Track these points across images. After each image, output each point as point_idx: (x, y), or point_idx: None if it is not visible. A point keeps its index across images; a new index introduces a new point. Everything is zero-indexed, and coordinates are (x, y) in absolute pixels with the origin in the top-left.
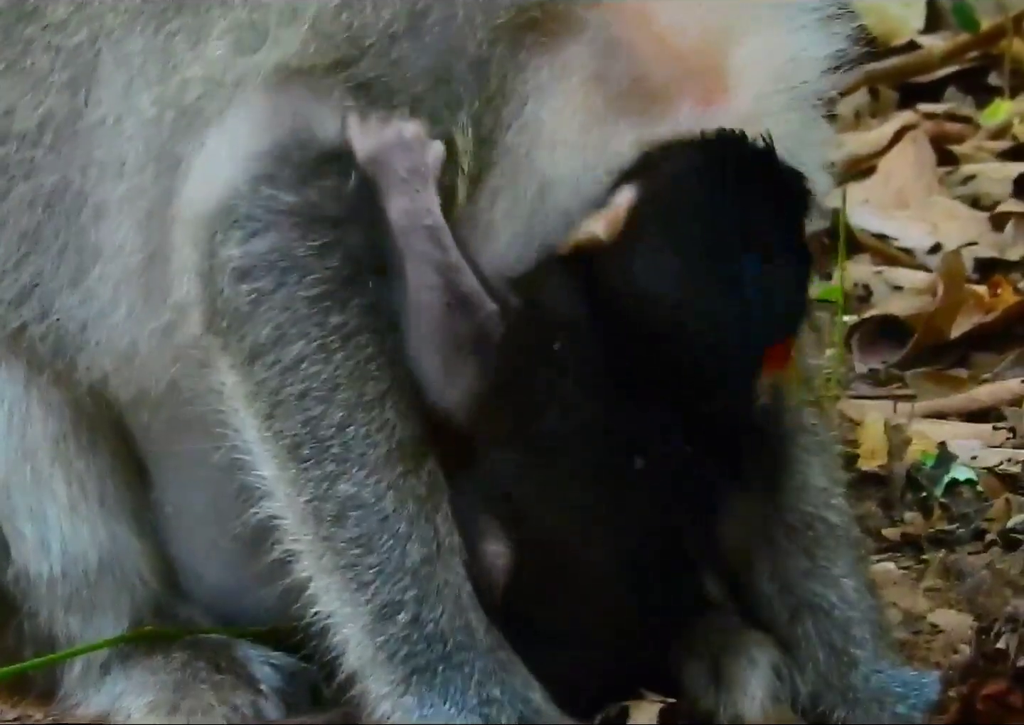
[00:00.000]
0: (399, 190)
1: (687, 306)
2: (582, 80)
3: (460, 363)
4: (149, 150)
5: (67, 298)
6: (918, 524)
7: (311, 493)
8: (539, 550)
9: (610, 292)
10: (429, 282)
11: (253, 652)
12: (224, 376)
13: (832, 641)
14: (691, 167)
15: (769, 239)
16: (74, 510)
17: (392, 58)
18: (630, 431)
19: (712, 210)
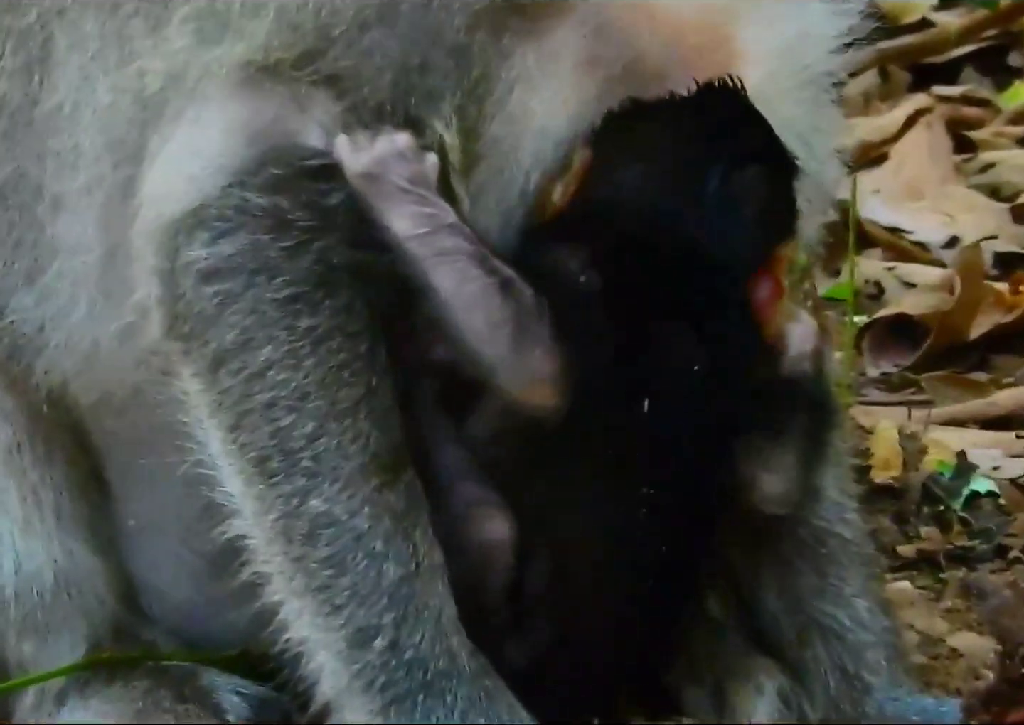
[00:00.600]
0: (402, 200)
1: (652, 220)
2: (573, 66)
3: (530, 338)
4: (106, 140)
5: (23, 297)
6: (935, 540)
7: (280, 510)
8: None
9: (591, 228)
10: (471, 274)
11: (220, 680)
12: (187, 384)
13: (844, 665)
14: (649, 103)
15: (734, 155)
16: (28, 526)
17: (363, 47)
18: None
19: (672, 129)
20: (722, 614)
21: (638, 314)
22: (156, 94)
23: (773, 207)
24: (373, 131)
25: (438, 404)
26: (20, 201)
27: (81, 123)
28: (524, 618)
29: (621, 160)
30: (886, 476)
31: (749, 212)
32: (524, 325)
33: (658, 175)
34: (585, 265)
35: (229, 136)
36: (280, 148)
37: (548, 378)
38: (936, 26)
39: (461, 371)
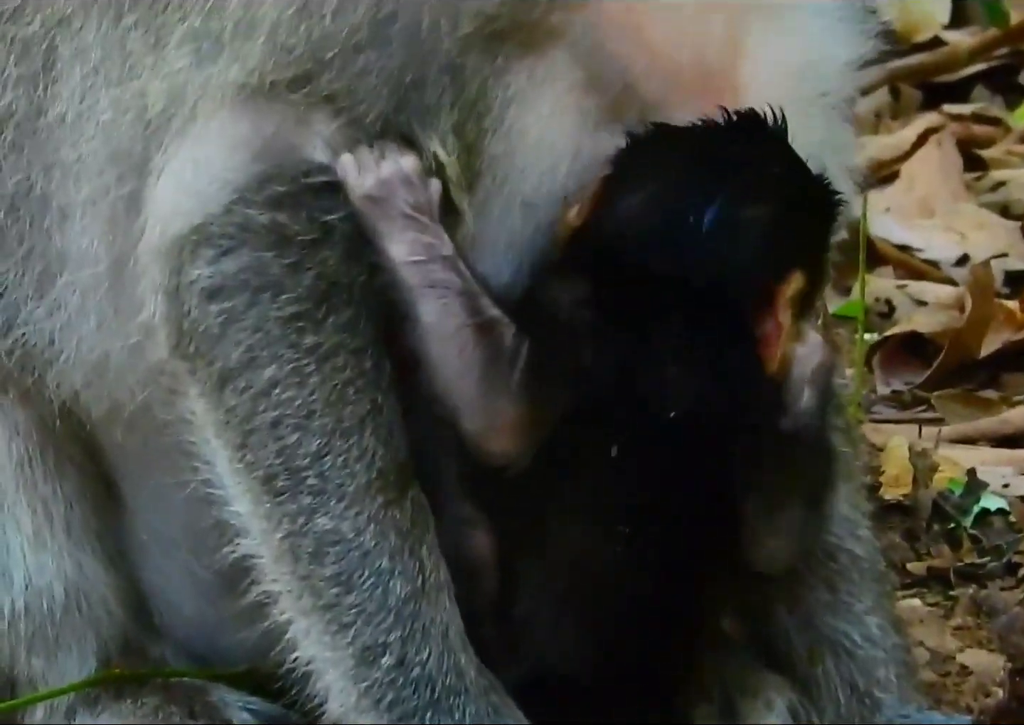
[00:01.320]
0: (403, 226)
1: (654, 251)
2: (570, 85)
3: (496, 385)
4: (109, 152)
5: (34, 308)
6: (946, 557)
7: (287, 529)
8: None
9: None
10: (452, 311)
11: (230, 696)
12: (193, 404)
13: (854, 682)
14: (659, 132)
15: (736, 186)
16: (38, 540)
17: (357, 69)
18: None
19: (681, 158)
20: (733, 629)
21: (634, 352)
22: (158, 111)
23: (771, 244)
24: (378, 151)
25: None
26: (30, 211)
27: (84, 134)
28: (513, 638)
29: (631, 186)
30: (896, 493)
31: (745, 248)
32: (492, 371)
33: (663, 205)
34: (581, 301)
35: (234, 153)
36: (284, 165)
37: (506, 427)
38: (947, 45)
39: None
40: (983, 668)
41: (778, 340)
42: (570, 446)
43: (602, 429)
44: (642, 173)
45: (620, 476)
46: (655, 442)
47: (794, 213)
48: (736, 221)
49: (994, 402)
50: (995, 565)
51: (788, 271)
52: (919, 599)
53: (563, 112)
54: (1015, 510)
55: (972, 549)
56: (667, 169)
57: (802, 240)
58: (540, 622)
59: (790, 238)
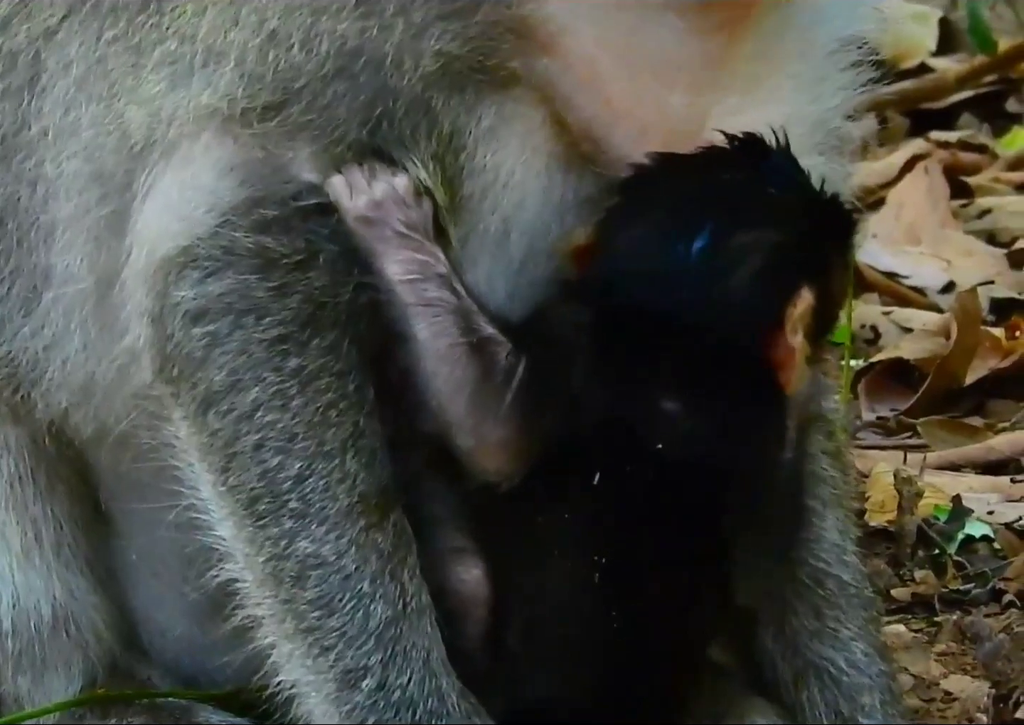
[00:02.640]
0: (398, 245)
1: (653, 281)
2: (538, 124)
3: (487, 404)
4: (91, 170)
5: (20, 327)
6: (930, 583)
7: (269, 552)
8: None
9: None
10: (447, 328)
11: (215, 717)
12: (177, 428)
13: (839, 708)
14: (662, 160)
15: (727, 211)
16: (28, 560)
17: (327, 100)
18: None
19: (681, 185)
20: (719, 654)
21: (626, 383)
22: (139, 133)
23: (768, 266)
24: (368, 172)
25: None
26: (16, 227)
27: (66, 150)
28: (502, 670)
29: (630, 215)
30: (882, 519)
31: (738, 275)
32: (484, 390)
33: (657, 235)
34: (581, 327)
35: (222, 177)
36: (270, 188)
37: (497, 445)
38: (935, 72)
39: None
40: (967, 694)
41: (792, 362)
42: (558, 474)
43: (589, 457)
44: (641, 202)
45: (607, 505)
46: (643, 473)
47: (793, 231)
48: (726, 248)
49: (979, 429)
50: (980, 592)
51: (794, 291)
52: (903, 625)
53: (532, 150)
54: (1000, 537)
55: (957, 575)
56: (663, 198)
57: (806, 258)
58: (528, 653)
59: (790, 257)
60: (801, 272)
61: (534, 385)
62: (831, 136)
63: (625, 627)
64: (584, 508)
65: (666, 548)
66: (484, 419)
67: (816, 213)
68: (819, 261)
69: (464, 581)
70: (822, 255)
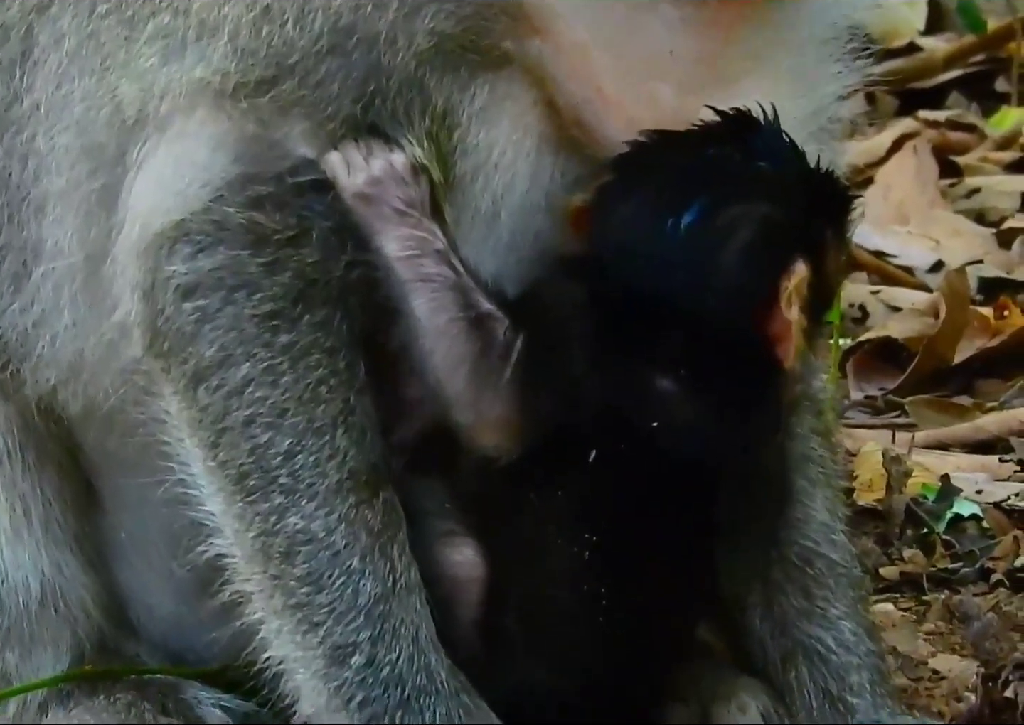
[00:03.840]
0: (396, 221)
1: (645, 258)
2: (529, 105)
3: (485, 379)
4: (83, 144)
5: (9, 303)
6: (919, 562)
7: (259, 528)
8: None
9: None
10: (446, 304)
11: (203, 694)
12: (167, 403)
13: (827, 687)
14: (655, 137)
15: (726, 188)
16: (16, 536)
17: (320, 76)
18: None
19: (670, 162)
20: (708, 634)
21: (626, 358)
22: (131, 108)
23: (756, 241)
24: (365, 149)
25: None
26: (7, 202)
27: (58, 124)
28: (494, 651)
29: (622, 193)
30: (870, 498)
31: (734, 249)
32: (483, 365)
33: (653, 209)
34: (578, 305)
35: (216, 153)
36: (264, 164)
37: (495, 421)
38: (923, 51)
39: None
40: (955, 673)
41: (788, 336)
42: (553, 452)
43: (584, 436)
44: (633, 179)
45: (601, 484)
46: (638, 452)
47: (784, 204)
48: (716, 222)
49: (968, 408)
50: (968, 570)
51: (787, 264)
52: (892, 604)
53: (523, 131)
54: (988, 516)
55: (945, 554)
56: (654, 175)
57: (798, 230)
58: (520, 634)
59: (782, 230)
60: (794, 245)
61: (532, 361)
62: (826, 121)
63: (616, 608)
64: (577, 487)
65: (659, 528)
66: (483, 394)
67: (808, 186)
68: (813, 234)
69: (456, 562)
70: (816, 228)
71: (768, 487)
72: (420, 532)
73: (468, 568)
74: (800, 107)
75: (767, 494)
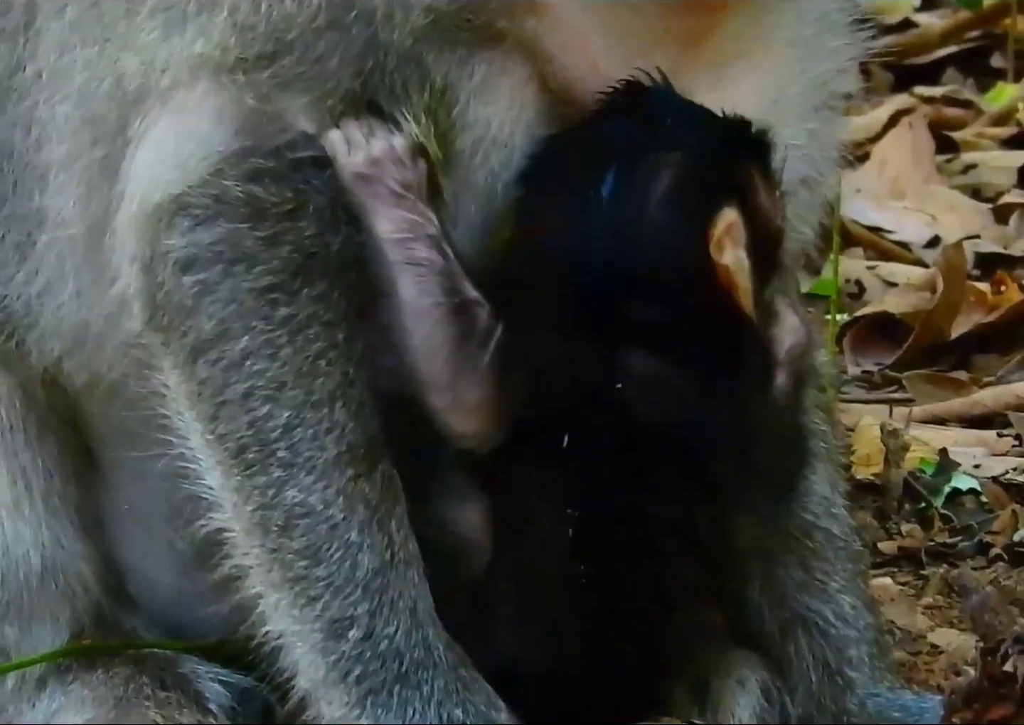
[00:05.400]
0: (391, 203)
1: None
2: (525, 79)
3: (465, 365)
4: (83, 114)
5: (14, 272)
6: (917, 537)
7: (257, 501)
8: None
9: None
10: (431, 288)
11: (202, 668)
12: (166, 377)
13: (826, 661)
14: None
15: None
16: (17, 509)
17: (319, 52)
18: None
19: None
20: (706, 608)
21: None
22: (132, 79)
23: (676, 196)
24: (367, 128)
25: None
26: (11, 171)
27: (59, 93)
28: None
29: (547, 183)
30: (867, 473)
31: (655, 208)
32: (463, 351)
33: (574, 192)
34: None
35: (217, 125)
36: (264, 138)
37: (471, 407)
38: (919, 27)
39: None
40: (954, 647)
41: (733, 281)
42: (536, 432)
43: (563, 418)
44: (550, 171)
45: (588, 463)
46: (618, 431)
47: (693, 154)
48: (632, 186)
49: (964, 383)
50: (966, 544)
51: (711, 212)
52: (890, 578)
53: (520, 106)
54: (986, 490)
55: (943, 529)
56: (567, 161)
57: (716, 178)
58: (515, 610)
59: (697, 180)
60: (716, 192)
61: (509, 348)
62: (827, 96)
63: (611, 584)
64: (561, 468)
65: (650, 502)
66: (461, 380)
67: (718, 133)
68: (734, 180)
69: (454, 531)
70: (736, 172)
71: (778, 456)
72: (424, 493)
73: (474, 529)
74: (800, 83)
75: (777, 464)
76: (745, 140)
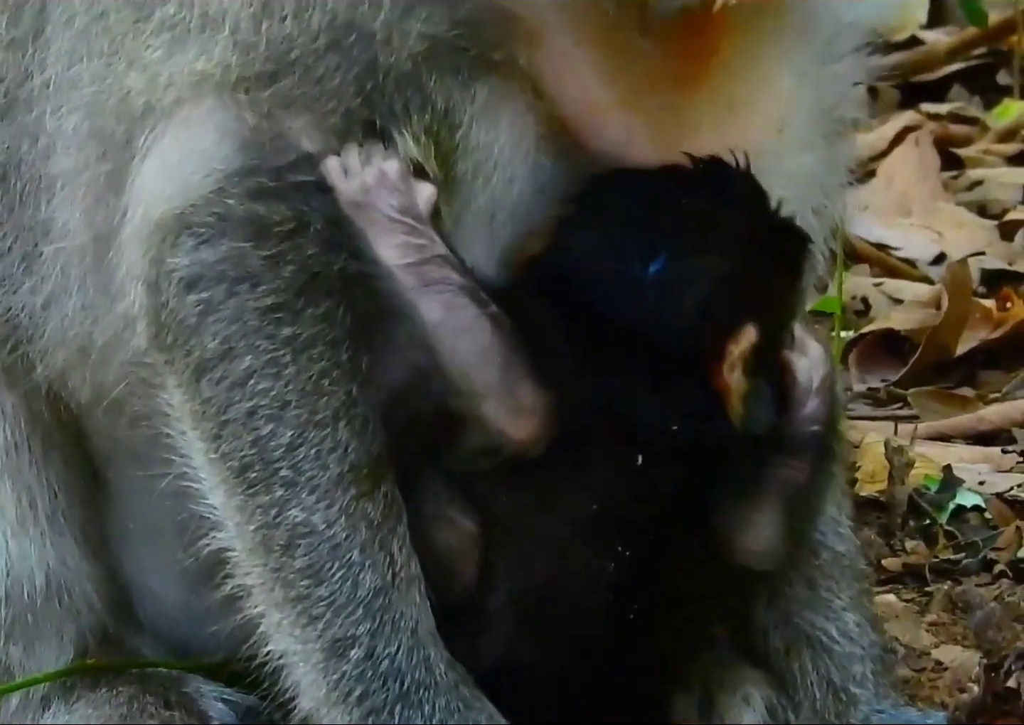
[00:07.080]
0: (390, 229)
1: (598, 288)
2: (526, 107)
3: (518, 370)
4: (91, 127)
5: (20, 283)
6: (921, 553)
7: (260, 520)
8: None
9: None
10: (460, 304)
11: (205, 687)
12: (170, 395)
13: (830, 678)
14: (620, 175)
15: (686, 234)
16: (22, 528)
17: (320, 72)
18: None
19: (638, 202)
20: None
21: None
22: (139, 95)
23: (715, 298)
24: (365, 154)
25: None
26: (18, 181)
27: (67, 105)
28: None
29: (584, 226)
30: (872, 489)
31: (686, 301)
32: (512, 357)
33: (612, 248)
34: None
35: (221, 142)
36: (267, 157)
37: (534, 411)
38: (925, 44)
39: (445, 400)
40: (958, 664)
41: (729, 394)
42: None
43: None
44: (596, 215)
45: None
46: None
47: (745, 264)
48: (680, 272)
49: (970, 400)
50: (971, 561)
51: (737, 326)
52: (894, 595)
53: (522, 131)
54: (991, 506)
55: (947, 545)
56: (620, 213)
57: (756, 293)
58: (516, 620)
59: (739, 291)
60: (747, 308)
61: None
62: (834, 122)
63: (619, 597)
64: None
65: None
66: (518, 386)
67: (770, 246)
68: (768, 296)
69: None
70: (771, 291)
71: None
72: (417, 514)
73: (465, 544)
74: (805, 112)
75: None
76: (793, 251)
